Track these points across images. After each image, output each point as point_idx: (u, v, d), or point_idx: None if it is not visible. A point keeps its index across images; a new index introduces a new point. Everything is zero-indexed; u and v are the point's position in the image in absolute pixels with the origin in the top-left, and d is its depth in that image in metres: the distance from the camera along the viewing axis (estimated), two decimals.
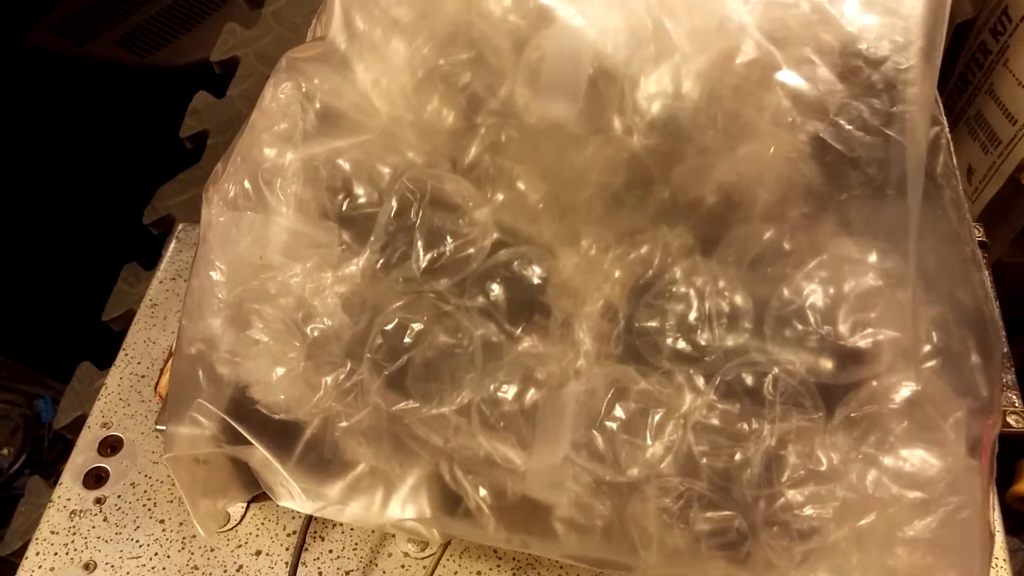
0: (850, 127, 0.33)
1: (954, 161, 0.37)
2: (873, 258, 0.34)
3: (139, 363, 0.56)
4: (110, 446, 0.52)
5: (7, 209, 0.93)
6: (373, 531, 0.48)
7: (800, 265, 0.35)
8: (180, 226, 0.63)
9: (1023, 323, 0.54)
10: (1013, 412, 0.41)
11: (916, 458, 0.33)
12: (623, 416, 0.35)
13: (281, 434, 0.40)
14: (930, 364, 0.34)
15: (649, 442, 0.35)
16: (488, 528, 0.38)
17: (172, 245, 0.62)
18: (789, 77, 0.33)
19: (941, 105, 0.37)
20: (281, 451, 0.40)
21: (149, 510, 0.49)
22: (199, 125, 0.78)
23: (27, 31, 0.97)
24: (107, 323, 0.70)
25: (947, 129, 0.37)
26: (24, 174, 0.94)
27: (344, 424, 0.37)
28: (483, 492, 0.37)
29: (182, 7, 1.00)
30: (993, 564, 0.45)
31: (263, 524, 0.49)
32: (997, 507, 0.42)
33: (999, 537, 0.46)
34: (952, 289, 0.36)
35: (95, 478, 0.51)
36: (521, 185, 0.39)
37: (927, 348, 0.34)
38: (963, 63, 0.56)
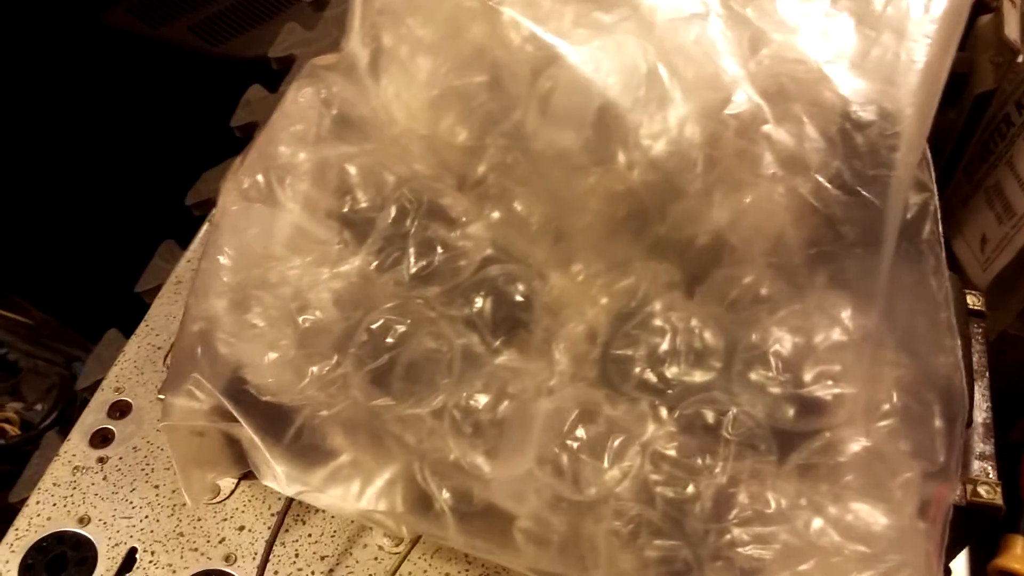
0: (828, 185, 0.34)
1: (940, 229, 0.38)
2: (843, 314, 0.35)
3: (158, 335, 0.59)
4: (119, 410, 0.55)
5: (63, 176, 0.98)
6: (352, 521, 0.50)
7: (773, 312, 0.36)
8: (214, 210, 0.66)
9: None
10: (985, 483, 0.41)
11: (862, 512, 0.34)
12: (585, 437, 0.36)
13: (269, 417, 0.42)
14: (886, 423, 0.34)
15: (606, 465, 0.36)
16: (449, 530, 0.39)
17: (205, 228, 0.65)
18: (775, 131, 0.35)
19: (932, 173, 0.38)
20: (267, 433, 0.42)
21: (146, 474, 0.52)
22: (249, 117, 0.81)
23: (107, 10, 1.02)
24: (139, 294, 0.73)
25: (936, 197, 0.38)
26: (83, 145, 0.99)
27: (325, 413, 0.39)
28: (447, 495, 0.38)
29: (255, 2, 1.04)
30: None
31: (250, 501, 0.51)
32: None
33: None
34: (924, 354, 0.37)
35: (101, 438, 0.54)
36: (520, 206, 0.41)
37: (886, 407, 0.35)
38: (988, 132, 0.57)
